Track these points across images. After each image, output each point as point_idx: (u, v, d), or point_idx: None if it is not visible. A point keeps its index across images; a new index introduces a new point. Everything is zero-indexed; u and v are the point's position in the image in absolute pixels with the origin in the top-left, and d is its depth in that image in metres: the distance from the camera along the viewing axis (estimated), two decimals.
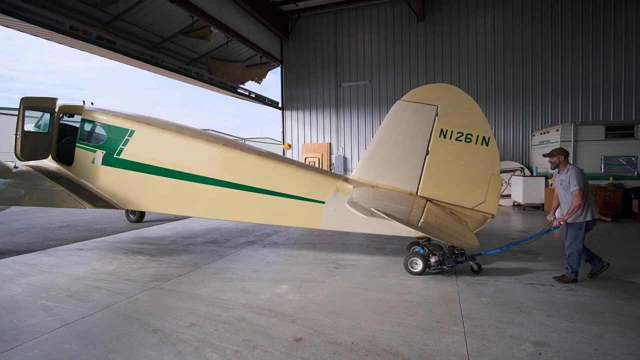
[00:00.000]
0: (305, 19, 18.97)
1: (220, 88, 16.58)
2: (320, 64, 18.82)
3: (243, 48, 17.09)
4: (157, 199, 6.90)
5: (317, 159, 18.53)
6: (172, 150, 6.72)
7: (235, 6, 14.94)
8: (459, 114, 5.54)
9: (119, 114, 7.33)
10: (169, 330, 3.87)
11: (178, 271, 5.99)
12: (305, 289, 5.13)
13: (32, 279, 5.62)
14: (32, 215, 12.11)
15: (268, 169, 6.22)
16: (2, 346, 3.57)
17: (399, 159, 5.78)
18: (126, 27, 13.16)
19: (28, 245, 7.97)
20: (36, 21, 9.21)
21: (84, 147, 7.26)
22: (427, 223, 4.64)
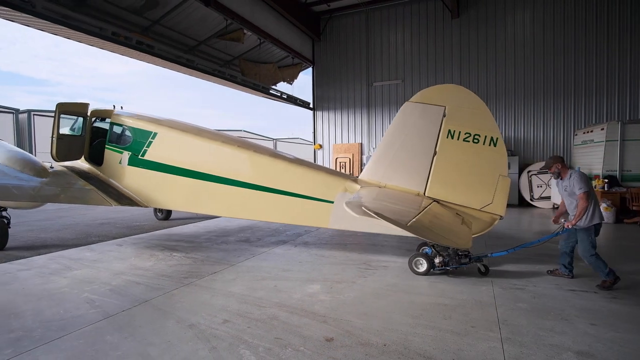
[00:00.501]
0: (337, 19, 18.94)
1: (253, 89, 16.87)
2: (352, 64, 18.72)
3: (275, 49, 17.31)
4: (177, 197, 7.18)
5: (348, 159, 18.44)
6: (191, 151, 7.00)
7: (267, 8, 15.15)
8: (466, 115, 5.48)
9: (143, 117, 7.68)
10: (204, 326, 3.95)
11: (212, 268, 6.13)
12: (336, 290, 5.10)
13: (77, 273, 5.94)
14: (76, 212, 12.82)
15: (280, 170, 6.38)
16: (50, 335, 3.78)
17: (406, 160, 5.77)
18: (163, 31, 13.66)
19: (73, 241, 8.44)
20: (82, 28, 9.75)
21: (112, 148, 7.65)
22: (419, 223, 4.50)
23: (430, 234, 4.48)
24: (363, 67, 18.46)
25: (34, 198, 6.70)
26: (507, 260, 6.45)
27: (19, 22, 9.65)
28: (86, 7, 10.97)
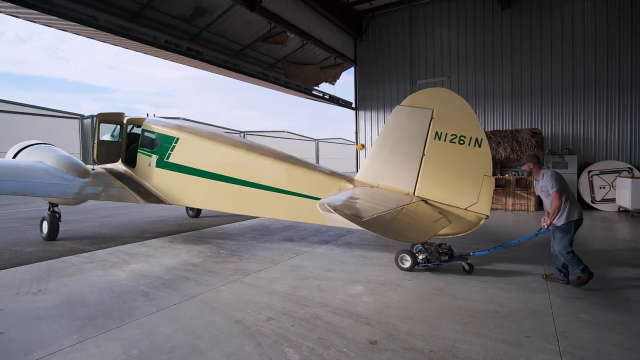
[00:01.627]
0: (380, 18, 18.69)
1: (296, 91, 17.12)
2: (395, 63, 18.39)
3: (317, 50, 17.43)
4: (195, 196, 7.98)
5: None
6: (206, 154, 7.66)
7: (310, 10, 15.29)
8: (453, 117, 5.65)
9: (168, 124, 8.50)
10: (249, 322, 4.06)
11: (257, 267, 6.28)
12: (379, 292, 5.02)
13: (133, 267, 6.34)
14: (132, 210, 13.70)
15: (282, 170, 6.83)
16: (111, 324, 4.07)
17: (397, 161, 6.00)
18: (211, 37, 14.24)
19: (129, 237, 9.03)
20: (138, 38, 10.42)
21: (143, 152, 8.52)
22: (378, 219, 4.52)
23: (386, 230, 4.51)
24: (406, 65, 18.06)
25: (77, 196, 7.70)
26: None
27: (84, 35, 10.51)
28: (142, 18, 11.71)
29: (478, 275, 5.75)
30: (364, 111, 19.62)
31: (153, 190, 8.27)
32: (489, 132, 15.21)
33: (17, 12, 8.70)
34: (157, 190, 8.24)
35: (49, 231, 8.41)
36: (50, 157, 8.19)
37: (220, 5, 12.80)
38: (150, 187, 8.32)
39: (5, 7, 8.43)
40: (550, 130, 15.13)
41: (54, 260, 6.81)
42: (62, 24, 9.39)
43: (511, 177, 13.76)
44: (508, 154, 14.21)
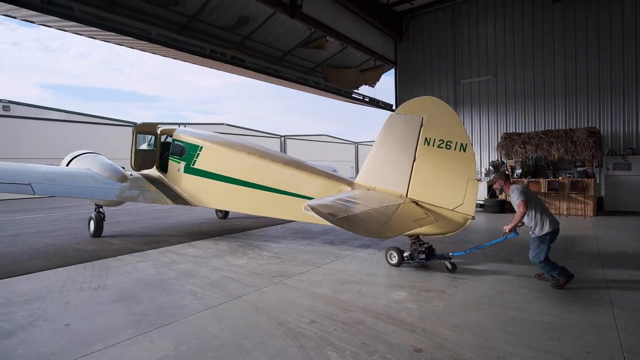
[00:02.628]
0: (421, 17, 18.32)
1: (335, 94, 17.16)
2: (437, 62, 17.91)
3: (357, 53, 17.39)
4: (215, 198, 8.78)
5: None
6: (225, 161, 8.49)
7: (349, 13, 15.31)
8: (440, 124, 6.00)
9: (194, 134, 9.35)
10: (292, 324, 4.10)
11: (298, 269, 6.35)
12: (424, 298, 4.88)
13: (182, 267, 6.64)
14: (180, 212, 14.37)
15: (288, 175, 7.47)
16: (162, 320, 4.28)
17: (391, 165, 6.39)
18: (253, 45, 14.67)
19: (178, 238, 9.47)
20: (186, 49, 10.96)
21: (173, 159, 9.41)
22: (352, 218, 4.94)
23: (356, 228, 4.81)
24: (449, 65, 17.52)
25: (117, 198, 8.74)
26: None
27: (137, 48, 11.23)
28: (189, 30, 12.32)
29: (529, 284, 5.44)
30: None
31: (181, 193, 9.15)
32: (540, 132, 14.36)
33: (81, 30, 9.46)
34: (185, 193, 9.11)
35: (95, 229, 9.54)
36: (96, 164, 9.30)
37: (262, 13, 13.16)
38: (179, 190, 9.21)
39: (70, 26, 9.21)
40: (609, 129, 14.01)
41: (111, 259, 7.30)
42: (118, 38, 10.09)
43: (565, 180, 12.88)
44: (562, 155, 13.33)
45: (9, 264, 7.00)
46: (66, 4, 8.26)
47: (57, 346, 3.70)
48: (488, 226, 11.05)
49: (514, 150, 14.60)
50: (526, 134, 14.66)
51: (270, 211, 7.85)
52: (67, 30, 9.71)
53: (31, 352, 3.59)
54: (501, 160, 15.18)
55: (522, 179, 13.83)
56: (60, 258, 7.41)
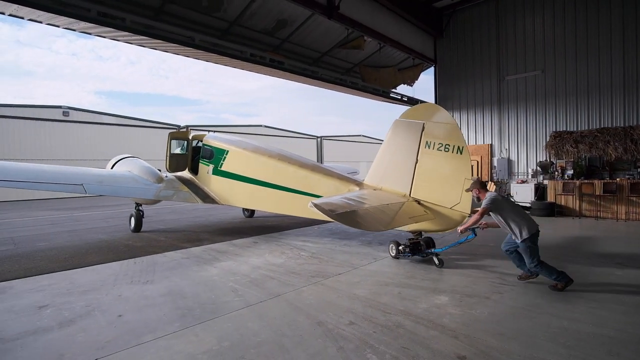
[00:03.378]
0: (462, 13, 17.71)
1: (373, 94, 16.99)
2: (479, 59, 17.22)
3: (395, 52, 17.12)
4: (240, 197, 9.48)
5: (476, 162, 16.94)
6: (248, 164, 9.17)
7: (387, 12, 15.10)
8: (439, 129, 6.47)
9: (221, 139, 10.17)
10: (331, 325, 4.10)
11: (336, 270, 6.35)
12: (467, 304, 4.71)
13: (223, 264, 6.85)
14: (220, 212, 14.84)
15: (303, 176, 8.08)
16: (206, 316, 4.44)
17: (396, 166, 6.93)
18: (291, 47, 14.86)
19: (219, 236, 9.79)
20: (228, 53, 11.31)
21: (203, 162, 10.18)
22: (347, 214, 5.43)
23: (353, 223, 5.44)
24: (493, 61, 16.78)
25: (154, 197, 9.72)
26: None
27: (182, 54, 11.73)
28: (230, 35, 12.71)
29: (583, 292, 5.08)
30: None
31: (210, 193, 9.94)
32: (595, 129, 13.40)
33: (132, 39, 10.05)
34: (213, 193, 9.90)
35: (135, 225, 10.53)
36: (136, 167, 10.28)
37: (300, 16, 13.30)
38: (208, 190, 10.00)
39: (122, 36, 9.81)
40: None
41: (158, 255, 7.69)
42: (165, 46, 10.61)
43: (624, 181, 11.92)
44: (620, 154, 12.37)
45: (68, 257, 7.57)
46: (119, 15, 8.80)
47: (111, 335, 3.95)
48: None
49: (564, 149, 13.74)
50: (578, 133, 13.75)
51: (289, 209, 8.43)
52: (119, 40, 10.33)
53: (89, 340, 3.85)
54: (550, 161, 14.35)
55: (573, 181, 12.98)
56: (113, 253, 7.90)
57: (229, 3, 11.70)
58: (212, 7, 11.61)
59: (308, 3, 11.48)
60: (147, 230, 10.84)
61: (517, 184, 14.88)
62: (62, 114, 28.44)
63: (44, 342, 3.82)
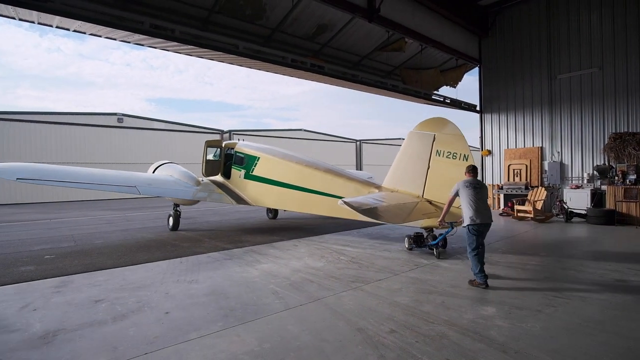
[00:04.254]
0: (509, 10, 16.91)
1: (414, 96, 16.66)
2: (528, 58, 16.34)
3: (437, 53, 16.69)
4: (271, 199, 10.47)
5: (525, 166, 16.03)
6: (278, 168, 10.17)
7: (429, 12, 14.76)
8: (448, 139, 7.50)
9: (252, 147, 11.29)
10: (372, 332, 4.03)
11: (376, 275, 6.24)
12: (516, 316, 4.44)
13: (264, 266, 6.97)
14: (260, 215, 15.15)
15: (329, 180, 9.04)
16: (247, 317, 4.52)
17: (411, 172, 7.91)
18: (331, 52, 14.95)
19: (260, 238, 9.99)
20: (270, 60, 11.59)
21: (235, 168, 11.19)
22: (371, 209, 6.63)
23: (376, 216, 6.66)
24: (543, 59, 15.86)
25: (192, 198, 10.72)
26: None
27: (227, 62, 12.18)
28: (272, 41, 13.01)
29: None
30: (490, 114, 17.93)
31: (242, 195, 10.86)
32: None
33: (180, 48, 10.59)
34: (245, 195, 10.82)
35: (173, 224, 11.37)
36: (176, 172, 11.33)
37: (340, 20, 13.35)
38: (240, 192, 10.92)
39: (172, 46, 10.37)
40: None
41: (202, 255, 7.97)
42: (211, 54, 11.07)
43: None
44: None
45: (121, 255, 8.05)
46: (169, 27, 9.30)
47: (160, 331, 4.13)
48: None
49: (626, 152, 12.69)
50: None
51: (315, 209, 9.40)
52: (169, 50, 10.92)
53: (139, 334, 4.06)
54: (609, 165, 13.28)
55: (637, 186, 11.93)
56: (161, 252, 8.31)
57: (271, 10, 11.99)
58: (256, 15, 11.96)
59: (349, 7, 11.49)
60: (192, 230, 11.31)
61: (571, 189, 13.92)
62: (117, 121, 30.48)
63: (100, 334, 4.08)
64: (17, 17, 8.81)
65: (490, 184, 17.51)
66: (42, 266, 7.23)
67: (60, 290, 5.65)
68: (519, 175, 16.20)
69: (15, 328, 4.30)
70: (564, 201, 13.49)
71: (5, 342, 3.95)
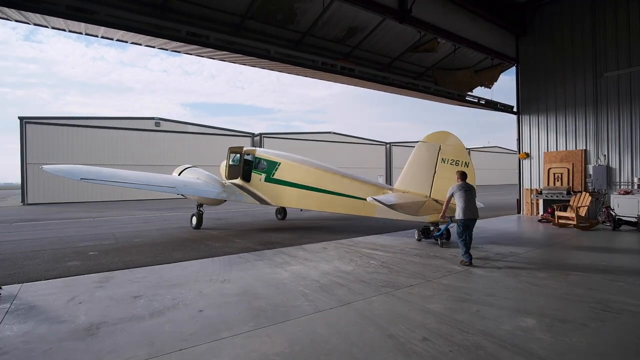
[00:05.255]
0: (549, 6, 16.13)
1: (447, 98, 16.23)
2: (570, 55, 15.51)
3: (471, 53, 16.20)
4: (291, 199, 11.70)
5: (566, 170, 15.18)
6: (298, 172, 11.53)
7: (462, 11, 14.35)
8: (451, 149, 9.00)
9: (273, 153, 12.72)
10: (403, 339, 3.94)
11: (407, 281, 6.11)
12: (559, 330, 4.19)
13: (294, 268, 7.01)
14: (289, 217, 15.28)
15: (347, 183, 10.52)
16: (277, 318, 4.55)
17: (420, 176, 9.38)
18: (362, 54, 14.87)
19: (289, 240, 10.07)
20: (300, 63, 11.68)
21: (256, 172, 12.48)
22: (395, 205, 8.71)
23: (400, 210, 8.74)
24: (587, 57, 14.99)
25: (217, 197, 11.97)
26: None
27: (258, 66, 12.39)
28: (302, 45, 13.12)
29: None
30: (528, 115, 17.17)
31: (263, 197, 12.11)
32: None
33: (214, 54, 10.90)
34: (266, 197, 12.06)
35: (196, 223, 12.34)
36: (202, 175, 12.61)
37: (370, 22, 13.26)
38: (261, 194, 12.17)
39: (207, 52, 10.68)
40: None
41: (234, 255, 8.14)
42: (243, 59, 11.30)
43: None
44: None
45: (158, 253, 8.36)
46: (204, 34, 9.59)
47: (194, 329, 4.24)
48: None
49: None
50: None
51: (334, 208, 10.74)
52: (203, 56, 11.26)
53: (175, 331, 4.18)
54: None
55: None
56: (195, 252, 8.56)
57: (302, 15, 12.10)
58: (287, 19, 12.12)
59: (380, 8, 11.39)
60: (223, 229, 11.57)
61: (619, 195, 13.05)
62: (154, 125, 31.78)
63: (138, 329, 4.24)
64: (67, 29, 9.40)
65: (528, 189, 16.75)
66: (87, 262, 7.64)
67: (103, 285, 5.94)
68: (560, 180, 15.39)
69: (64, 319, 4.56)
70: (611, 208, 12.67)
71: (55, 332, 4.20)
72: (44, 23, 8.98)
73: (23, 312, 4.85)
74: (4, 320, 4.57)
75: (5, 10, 7.80)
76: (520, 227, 13.06)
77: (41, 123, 27.11)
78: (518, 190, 17.67)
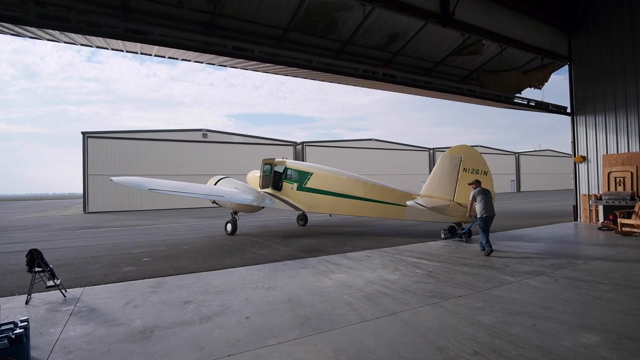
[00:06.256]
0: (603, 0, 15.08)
1: (494, 101, 15.55)
2: (629, 52, 14.31)
3: (519, 53, 15.46)
4: (323, 206, 12.70)
5: (630, 174, 13.91)
6: (329, 181, 12.70)
7: (508, 11, 13.77)
8: (472, 159, 10.62)
9: (303, 165, 14.08)
10: (453, 352, 3.79)
11: (456, 291, 5.89)
12: (629, 349, 3.83)
13: (338, 276, 6.99)
14: (333, 224, 15.29)
15: (378, 189, 11.89)
16: (323, 326, 4.55)
17: (444, 183, 10.76)
18: (403, 60, 14.69)
19: (333, 248, 10.07)
20: (341, 71, 11.75)
21: (287, 181, 13.59)
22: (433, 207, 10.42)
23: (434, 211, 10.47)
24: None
25: (252, 204, 12.89)
26: None
27: (300, 77, 12.63)
28: (343, 54, 13.23)
29: None
30: (584, 116, 16.04)
31: (296, 204, 13.11)
32: None
33: (258, 67, 11.28)
34: (299, 204, 13.08)
35: (231, 229, 13.18)
36: (238, 185, 13.79)
37: (412, 27, 13.09)
38: (294, 202, 13.17)
39: (251, 65, 11.09)
40: None
41: (278, 263, 8.28)
42: (286, 70, 11.60)
43: None
44: None
45: (206, 260, 8.71)
46: (249, 48, 9.97)
47: (241, 335, 4.36)
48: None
49: None
50: None
51: (366, 213, 12.01)
52: (248, 69, 11.69)
53: (223, 336, 4.33)
54: None
55: None
56: (240, 259, 8.81)
57: (342, 24, 12.22)
58: (328, 29, 12.29)
59: (421, 13, 11.23)
60: (265, 236, 11.81)
61: None
62: (202, 136, 33.35)
63: (188, 334, 4.44)
64: (124, 50, 10.18)
65: (586, 194, 15.57)
66: (141, 267, 8.12)
67: (156, 290, 6.28)
68: (622, 184, 14.16)
69: (121, 322, 4.87)
70: None
71: (113, 334, 4.50)
72: (105, 45, 9.79)
73: (85, 314, 5.25)
74: (68, 321, 4.97)
75: (72, 35, 8.60)
76: (578, 236, 12.14)
77: (100, 137, 29.40)
78: (574, 195, 16.48)
